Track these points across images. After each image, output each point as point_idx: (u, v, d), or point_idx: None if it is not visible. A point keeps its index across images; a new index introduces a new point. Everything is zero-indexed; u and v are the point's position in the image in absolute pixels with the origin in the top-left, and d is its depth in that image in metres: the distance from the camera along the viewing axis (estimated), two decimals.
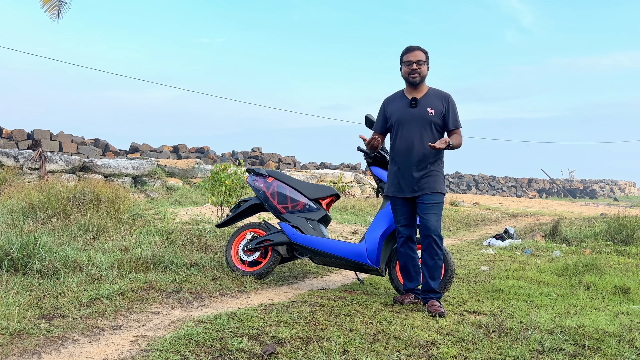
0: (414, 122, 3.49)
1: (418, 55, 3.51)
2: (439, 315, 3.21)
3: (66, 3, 11.38)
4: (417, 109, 3.50)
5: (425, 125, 3.48)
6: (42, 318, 2.71)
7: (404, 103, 3.56)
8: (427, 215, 3.44)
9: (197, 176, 12.00)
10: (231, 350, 2.41)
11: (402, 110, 3.54)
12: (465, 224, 10.65)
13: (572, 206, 21.77)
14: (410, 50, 3.53)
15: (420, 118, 3.48)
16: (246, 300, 3.50)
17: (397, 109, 3.58)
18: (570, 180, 41.75)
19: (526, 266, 5.26)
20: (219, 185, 6.29)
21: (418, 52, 3.52)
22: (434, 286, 3.40)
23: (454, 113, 3.54)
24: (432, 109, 3.50)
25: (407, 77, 3.53)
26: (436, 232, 3.42)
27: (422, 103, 3.51)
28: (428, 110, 3.49)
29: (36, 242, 3.60)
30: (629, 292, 4.19)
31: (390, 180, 3.58)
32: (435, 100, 3.53)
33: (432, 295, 3.39)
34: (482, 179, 34.95)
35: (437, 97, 3.55)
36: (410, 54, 3.51)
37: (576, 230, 8.42)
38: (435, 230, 3.42)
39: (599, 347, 2.71)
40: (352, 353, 2.45)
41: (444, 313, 3.24)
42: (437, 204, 3.48)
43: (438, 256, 3.43)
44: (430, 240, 3.41)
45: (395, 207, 3.56)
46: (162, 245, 4.64)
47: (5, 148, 11.77)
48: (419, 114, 3.49)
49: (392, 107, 3.61)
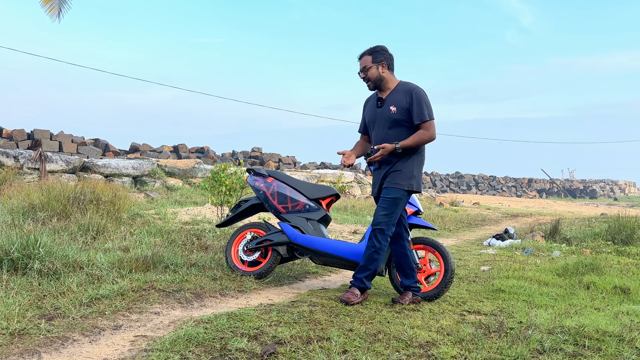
0: (380, 122, 3.50)
1: (363, 62, 3.51)
2: (345, 303, 3.32)
3: (66, 3, 11.38)
4: (382, 108, 3.51)
5: (390, 124, 3.44)
6: (42, 318, 2.71)
7: (373, 103, 3.61)
8: (377, 208, 3.50)
9: (197, 176, 12.00)
10: (231, 350, 2.41)
11: (372, 111, 3.59)
12: (465, 224, 10.65)
13: (572, 206, 21.77)
14: (358, 59, 3.55)
15: (385, 118, 3.47)
16: (246, 300, 3.50)
17: (369, 109, 3.64)
18: (570, 180, 41.75)
19: (526, 266, 5.26)
20: (219, 185, 6.29)
21: (363, 59, 3.51)
22: (359, 275, 3.47)
23: (419, 106, 3.40)
24: (395, 106, 3.44)
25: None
26: (378, 226, 3.42)
27: (387, 102, 3.50)
28: (391, 108, 3.45)
29: (36, 242, 3.60)
30: (629, 292, 4.19)
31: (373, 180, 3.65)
32: (400, 97, 3.45)
33: (354, 283, 3.47)
34: (482, 179, 34.94)
35: (403, 93, 3.46)
36: (359, 62, 3.54)
37: (576, 230, 8.42)
38: (377, 223, 3.43)
39: (599, 347, 2.71)
40: (352, 353, 2.45)
41: (351, 303, 3.32)
42: (390, 199, 3.42)
43: (375, 249, 3.44)
44: (372, 233, 3.46)
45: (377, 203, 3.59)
46: (162, 245, 4.64)
47: (5, 148, 11.77)
48: (383, 114, 3.49)
49: (367, 108, 3.66)
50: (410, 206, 3.77)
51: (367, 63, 3.49)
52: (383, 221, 3.41)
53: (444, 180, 33.06)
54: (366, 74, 3.49)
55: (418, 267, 3.70)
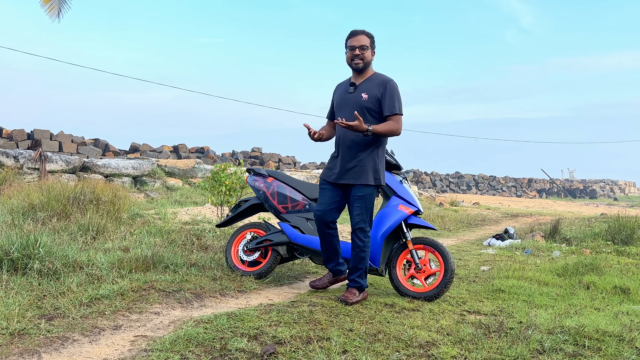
0: (348, 107, 3.46)
1: (361, 40, 3.44)
2: (344, 302, 3.36)
3: (66, 3, 11.39)
4: (353, 94, 3.49)
5: (358, 110, 3.41)
6: (42, 318, 2.71)
7: (344, 88, 3.58)
8: (351, 208, 3.52)
9: (197, 176, 12.00)
10: (231, 350, 2.41)
11: (343, 96, 3.55)
12: (465, 224, 10.65)
13: (572, 206, 21.77)
14: (353, 35, 3.46)
15: (354, 103, 3.45)
16: (246, 300, 3.50)
17: (338, 94, 3.60)
18: (570, 180, 41.74)
19: (526, 266, 5.26)
20: (219, 185, 6.29)
21: (361, 37, 3.44)
22: (353, 276, 3.52)
23: (391, 99, 3.43)
24: (367, 94, 3.44)
25: (350, 62, 3.49)
26: (357, 225, 3.49)
27: (360, 88, 3.49)
28: (362, 95, 3.45)
29: (36, 242, 3.60)
30: (629, 292, 4.19)
31: (327, 164, 3.62)
32: (374, 86, 3.46)
33: (351, 284, 3.52)
34: (482, 179, 34.94)
35: (377, 83, 3.48)
36: (353, 39, 3.45)
37: (576, 230, 8.42)
38: (356, 223, 3.49)
39: (599, 347, 2.71)
40: (352, 353, 2.45)
41: (350, 302, 3.36)
42: (362, 197, 3.47)
43: (360, 248, 3.50)
44: (353, 233, 3.52)
45: (321, 190, 3.60)
46: (162, 245, 4.64)
47: (5, 148, 11.77)
48: (353, 99, 3.47)
49: (337, 92, 3.62)
50: (410, 206, 3.77)
51: (366, 43, 3.45)
52: (360, 220, 3.49)
53: (444, 180, 33.06)
54: (363, 53, 3.44)
55: (418, 267, 3.71)
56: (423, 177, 31.80)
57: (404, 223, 3.75)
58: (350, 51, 3.46)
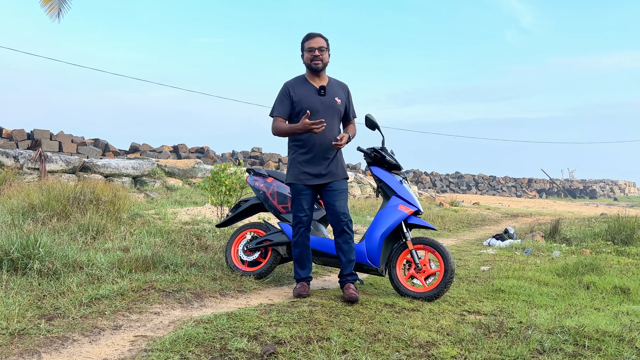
0: (325, 110, 3.54)
1: (320, 42, 3.54)
2: (353, 300, 3.38)
3: (66, 3, 11.38)
4: (326, 97, 3.56)
5: (334, 114, 3.57)
6: (42, 318, 2.71)
7: (311, 90, 3.57)
8: (337, 202, 3.55)
9: (197, 176, 12.00)
10: (231, 350, 2.41)
11: (313, 98, 3.55)
12: (465, 224, 10.65)
13: (572, 206, 21.77)
14: (311, 37, 3.55)
15: (330, 107, 3.56)
16: (246, 300, 3.50)
17: (306, 96, 3.56)
18: (570, 180, 41.74)
19: (526, 266, 5.27)
20: (219, 185, 6.29)
21: (319, 39, 3.55)
22: (351, 269, 3.58)
23: (352, 104, 3.72)
24: (339, 98, 3.60)
25: (309, 63, 3.55)
26: (348, 217, 3.57)
27: (330, 92, 3.58)
28: (336, 100, 3.58)
29: (36, 242, 3.60)
30: (629, 292, 4.19)
31: (299, 169, 3.57)
32: (339, 90, 3.64)
33: (349, 279, 3.56)
34: (482, 179, 34.94)
35: (339, 87, 3.66)
36: (311, 41, 3.54)
37: (576, 230, 8.42)
38: (347, 214, 3.57)
39: (599, 347, 2.71)
40: (352, 353, 2.45)
41: (358, 298, 3.41)
42: (344, 190, 3.61)
43: (351, 239, 3.59)
44: (343, 225, 3.54)
45: (302, 196, 3.57)
46: (162, 245, 4.64)
47: (5, 148, 11.77)
48: (329, 103, 3.56)
49: (300, 93, 3.57)
50: (410, 206, 3.77)
51: (324, 45, 3.56)
52: (347, 211, 3.60)
53: (444, 180, 33.06)
54: (322, 54, 3.54)
55: (418, 267, 3.70)
56: (423, 177, 31.80)
57: (404, 223, 3.75)
58: (309, 52, 3.54)
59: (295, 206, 3.59)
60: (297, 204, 3.58)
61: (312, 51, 3.52)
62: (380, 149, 3.91)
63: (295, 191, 3.58)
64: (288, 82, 3.63)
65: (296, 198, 3.58)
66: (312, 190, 3.59)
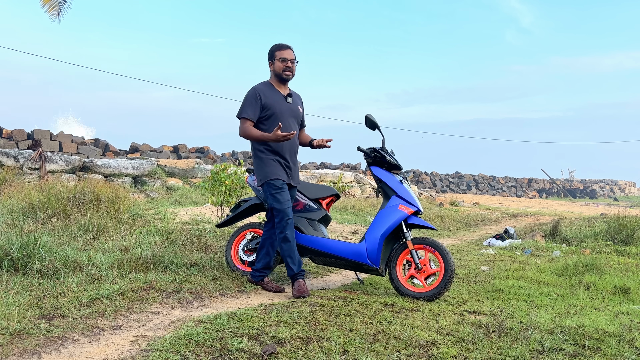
0: (291, 116, 3.76)
1: (292, 55, 3.72)
2: (306, 296, 3.50)
3: (66, 3, 11.39)
4: (292, 105, 3.78)
5: (297, 121, 3.82)
6: (42, 318, 2.71)
7: (280, 97, 3.74)
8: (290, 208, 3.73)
9: (197, 176, 12.00)
10: (231, 350, 2.41)
11: (282, 104, 3.73)
12: (465, 224, 10.65)
13: (572, 206, 21.77)
14: (284, 48, 3.71)
15: (295, 114, 3.80)
16: (246, 300, 3.50)
17: (275, 101, 3.71)
18: (570, 180, 41.73)
19: (526, 266, 5.27)
20: (219, 185, 6.29)
21: (291, 51, 3.73)
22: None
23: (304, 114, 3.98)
24: (301, 107, 3.87)
25: (280, 73, 3.70)
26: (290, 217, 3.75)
27: (294, 100, 3.82)
28: (299, 108, 3.85)
29: (36, 242, 3.60)
30: (629, 292, 4.19)
31: (278, 168, 3.69)
32: (299, 100, 3.91)
33: (301, 276, 3.67)
34: (482, 179, 34.94)
35: (298, 97, 3.91)
36: (285, 52, 3.70)
37: (576, 230, 8.42)
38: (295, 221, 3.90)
39: (599, 347, 2.71)
40: (352, 353, 2.45)
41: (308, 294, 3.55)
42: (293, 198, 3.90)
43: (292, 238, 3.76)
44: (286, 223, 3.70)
45: (283, 190, 3.68)
46: (162, 245, 4.64)
47: (5, 148, 11.77)
48: (295, 110, 3.80)
49: (270, 98, 3.70)
50: (410, 206, 3.77)
51: (295, 57, 3.74)
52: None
53: (444, 180, 33.05)
54: (293, 66, 3.72)
55: (418, 267, 3.71)
56: (423, 177, 31.80)
57: (404, 223, 3.75)
58: (282, 63, 3.69)
59: (279, 200, 3.63)
60: (280, 198, 3.64)
61: (285, 62, 3.68)
62: (380, 149, 3.91)
63: (277, 187, 3.66)
64: (257, 86, 3.75)
65: (279, 193, 3.65)
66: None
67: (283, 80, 3.73)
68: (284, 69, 3.67)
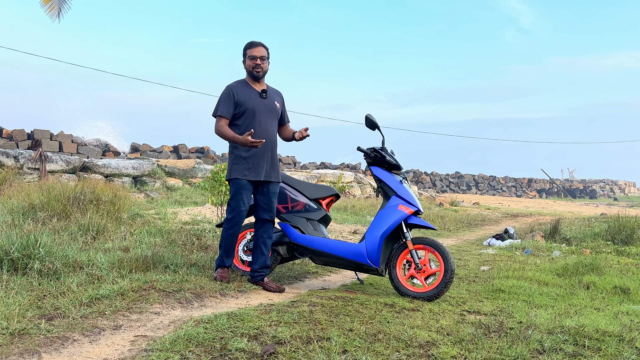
0: (267, 112, 3.80)
1: (262, 52, 3.77)
2: (280, 291, 3.72)
3: (66, 3, 11.39)
4: (267, 100, 3.81)
5: (274, 116, 3.85)
6: (42, 318, 2.71)
7: (254, 93, 3.80)
8: (272, 203, 3.85)
9: (197, 176, 12.00)
10: (231, 350, 2.41)
11: (256, 100, 3.78)
12: (465, 224, 10.65)
13: (572, 206, 21.77)
14: (254, 46, 3.78)
15: (271, 109, 3.83)
16: (246, 300, 3.50)
17: (249, 97, 3.78)
18: (570, 180, 41.73)
19: (526, 266, 5.27)
20: (219, 185, 6.29)
21: (262, 49, 3.78)
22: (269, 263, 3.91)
23: (286, 110, 4.03)
24: (278, 103, 3.89)
25: (251, 70, 3.78)
26: (273, 218, 3.88)
27: (269, 96, 3.85)
28: (276, 103, 3.87)
29: (36, 242, 3.60)
30: (629, 292, 4.19)
31: (243, 165, 3.74)
32: (276, 96, 3.92)
33: (266, 271, 3.84)
34: (482, 179, 34.94)
35: (276, 93, 3.95)
36: (254, 49, 3.76)
37: (576, 230, 8.43)
38: (275, 215, 3.90)
39: (599, 347, 2.71)
40: (352, 353, 2.45)
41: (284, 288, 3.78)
42: (276, 193, 3.90)
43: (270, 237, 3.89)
44: (270, 223, 3.87)
45: (244, 190, 3.75)
46: (162, 245, 4.64)
47: (5, 148, 11.76)
48: (270, 105, 3.83)
49: (243, 95, 3.77)
50: (410, 206, 3.77)
51: (265, 54, 3.79)
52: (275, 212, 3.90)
53: (444, 180, 33.06)
54: (263, 63, 3.76)
55: (418, 267, 3.71)
56: (423, 177, 31.80)
57: (404, 223, 3.75)
58: (251, 60, 3.75)
59: (237, 200, 3.75)
60: (238, 198, 3.74)
61: (255, 59, 3.74)
62: (380, 149, 3.91)
63: (239, 186, 3.74)
64: (231, 84, 3.83)
65: (239, 192, 3.74)
66: (252, 187, 3.78)
67: (254, 77, 3.79)
68: (253, 67, 3.75)
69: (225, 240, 3.82)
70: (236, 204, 3.74)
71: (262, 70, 3.78)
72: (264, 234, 3.83)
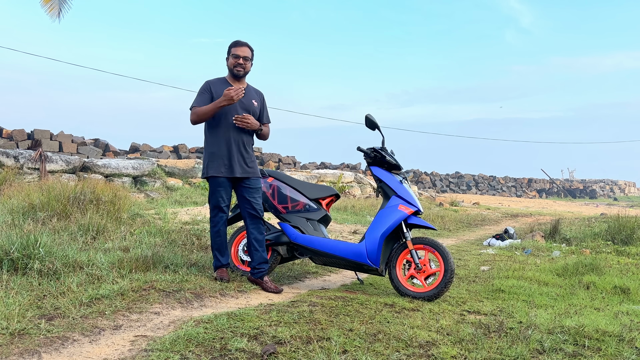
0: (243, 109, 3.80)
1: (245, 52, 3.80)
2: (277, 292, 3.72)
3: (66, 3, 11.40)
4: (244, 98, 3.82)
5: (252, 114, 3.84)
6: (42, 318, 2.71)
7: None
8: (255, 198, 3.83)
9: (197, 176, 12.00)
10: (231, 350, 2.41)
11: None
12: (465, 224, 10.65)
13: (572, 206, 21.77)
14: (239, 45, 3.81)
15: (248, 107, 3.83)
16: (246, 300, 3.50)
17: None
18: (570, 180, 41.73)
19: (526, 266, 5.27)
20: None
21: (246, 49, 3.81)
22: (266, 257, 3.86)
23: (266, 110, 4.02)
24: (255, 101, 3.90)
25: (232, 69, 3.81)
26: (261, 214, 3.86)
27: (247, 94, 3.85)
28: (253, 101, 3.88)
29: (36, 242, 3.59)
30: (629, 292, 4.19)
31: (218, 162, 3.77)
32: (255, 95, 3.94)
33: (266, 267, 3.83)
34: (482, 179, 34.94)
35: (256, 93, 3.97)
36: (238, 49, 3.80)
37: (576, 230, 8.42)
38: (262, 210, 3.88)
39: (599, 347, 2.71)
40: (352, 353, 2.45)
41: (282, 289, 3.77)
42: (259, 188, 3.90)
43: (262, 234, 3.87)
44: (259, 219, 3.84)
45: (222, 187, 3.78)
46: (162, 245, 4.64)
47: (5, 148, 11.76)
48: (247, 103, 3.84)
49: (220, 90, 3.78)
50: (410, 206, 3.77)
51: (248, 55, 3.82)
52: (262, 208, 3.88)
53: (444, 180, 33.05)
54: (245, 63, 3.80)
55: (418, 267, 3.71)
56: (423, 177, 31.80)
57: (404, 223, 3.75)
58: (234, 59, 3.79)
59: (216, 197, 3.78)
60: (217, 196, 3.77)
61: (237, 58, 3.78)
62: (380, 149, 3.91)
63: (217, 183, 3.77)
64: (210, 80, 3.88)
65: (217, 190, 3.78)
66: (230, 183, 3.80)
67: (235, 75, 3.82)
68: (235, 65, 3.78)
69: (213, 240, 3.86)
70: (215, 201, 3.78)
71: (244, 70, 3.81)
72: (254, 230, 3.84)
